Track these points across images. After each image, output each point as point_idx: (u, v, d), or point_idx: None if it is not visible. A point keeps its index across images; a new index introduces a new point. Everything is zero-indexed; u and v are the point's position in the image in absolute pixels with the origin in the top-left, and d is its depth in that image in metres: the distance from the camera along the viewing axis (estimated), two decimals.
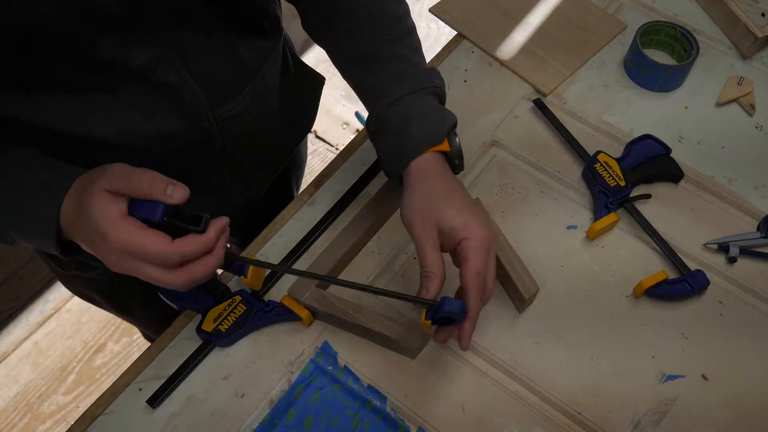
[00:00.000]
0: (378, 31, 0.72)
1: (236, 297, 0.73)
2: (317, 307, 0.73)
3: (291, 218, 0.83)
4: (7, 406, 1.64)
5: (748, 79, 0.93)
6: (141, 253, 0.54)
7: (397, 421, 0.70)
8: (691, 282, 0.76)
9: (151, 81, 0.64)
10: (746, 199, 0.84)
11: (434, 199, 0.64)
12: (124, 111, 0.65)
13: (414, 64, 0.72)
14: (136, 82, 0.63)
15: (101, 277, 0.88)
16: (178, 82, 0.66)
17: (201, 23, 0.66)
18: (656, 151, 0.85)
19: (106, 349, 1.71)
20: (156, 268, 0.55)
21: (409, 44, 0.73)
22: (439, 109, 0.70)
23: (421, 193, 0.65)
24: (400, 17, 0.74)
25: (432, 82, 0.71)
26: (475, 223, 0.63)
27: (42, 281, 1.76)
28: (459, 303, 0.62)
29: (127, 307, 0.98)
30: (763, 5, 1.00)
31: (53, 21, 0.55)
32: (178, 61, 0.65)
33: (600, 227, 0.80)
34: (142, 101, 0.65)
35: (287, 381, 0.72)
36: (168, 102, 0.67)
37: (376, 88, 0.71)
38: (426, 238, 0.63)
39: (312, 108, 0.95)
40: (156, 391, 0.71)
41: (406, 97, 0.69)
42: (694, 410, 0.71)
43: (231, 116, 0.73)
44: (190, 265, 0.56)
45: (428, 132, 0.68)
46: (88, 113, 0.63)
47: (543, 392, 0.72)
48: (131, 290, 0.90)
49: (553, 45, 0.97)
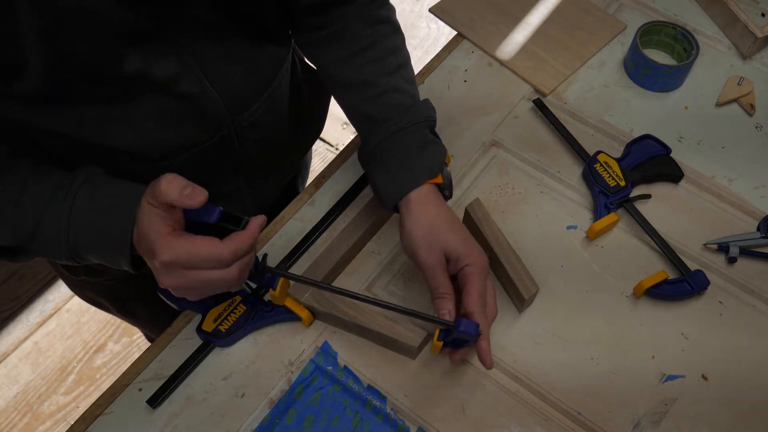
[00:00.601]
0: (379, 61, 0.74)
1: (236, 297, 0.73)
2: (317, 307, 0.73)
3: (291, 218, 0.83)
4: (7, 406, 1.64)
5: (748, 79, 0.93)
6: (195, 260, 0.56)
7: (397, 421, 0.70)
8: (691, 282, 0.76)
9: (173, 92, 0.65)
10: (746, 199, 0.84)
11: (438, 227, 0.69)
12: (145, 121, 0.66)
13: (411, 96, 0.75)
14: (157, 93, 0.64)
15: (109, 282, 0.88)
16: (199, 92, 0.66)
17: (220, 32, 0.66)
18: (656, 151, 0.85)
19: (106, 349, 1.71)
20: (213, 270, 0.57)
21: (406, 76, 0.76)
22: (435, 143, 0.74)
23: (426, 222, 0.69)
24: (398, 48, 0.77)
25: (428, 116, 0.74)
26: (476, 251, 0.68)
27: (42, 281, 1.75)
28: (474, 324, 0.65)
29: (132, 311, 0.99)
30: (763, 5, 1.00)
31: (81, 40, 0.55)
32: (200, 72, 0.66)
33: (600, 227, 0.80)
34: (164, 111, 0.66)
35: (287, 381, 0.72)
36: (189, 112, 0.67)
37: (373, 117, 0.74)
38: (436, 263, 0.68)
39: (321, 112, 0.96)
40: (156, 391, 0.71)
41: (406, 129, 0.72)
42: (694, 410, 0.71)
43: (249, 124, 0.74)
44: (241, 259, 0.58)
45: (428, 165, 0.72)
46: (108, 123, 0.64)
47: (543, 392, 0.72)
48: (138, 295, 0.91)
49: (553, 45, 0.97)
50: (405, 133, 0.72)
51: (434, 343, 0.68)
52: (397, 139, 0.72)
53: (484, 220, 0.77)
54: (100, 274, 0.86)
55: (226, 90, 0.69)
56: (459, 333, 0.64)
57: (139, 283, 0.80)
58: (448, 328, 0.66)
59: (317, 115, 0.95)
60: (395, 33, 0.77)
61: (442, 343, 0.68)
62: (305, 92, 0.88)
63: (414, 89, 0.76)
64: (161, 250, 0.55)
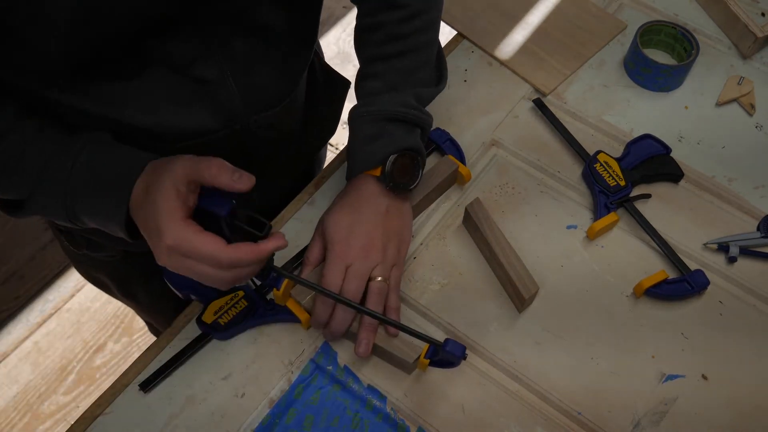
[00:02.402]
0: (415, 56, 0.77)
1: (239, 292, 0.73)
2: None
3: (291, 218, 0.83)
4: (7, 406, 1.64)
5: (748, 79, 0.93)
6: (194, 253, 0.57)
7: (397, 421, 0.70)
8: (691, 282, 0.76)
9: (190, 74, 0.65)
10: (746, 199, 0.84)
11: (355, 220, 0.73)
12: (159, 101, 0.66)
13: (389, 86, 0.77)
14: (176, 75, 0.65)
15: (110, 259, 0.89)
16: (215, 79, 0.67)
17: (257, 32, 0.67)
18: (656, 150, 0.85)
19: (106, 349, 1.71)
20: (208, 267, 0.58)
21: (401, 68, 0.77)
22: (389, 135, 0.75)
23: (347, 209, 0.75)
24: (432, 42, 0.79)
25: (396, 111, 0.75)
26: (343, 245, 0.72)
27: (42, 281, 1.76)
28: (461, 346, 0.67)
29: (133, 293, 0.99)
30: (763, 5, 1.00)
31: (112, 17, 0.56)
32: (222, 61, 0.66)
33: (600, 227, 0.80)
34: (176, 92, 0.66)
35: (287, 381, 0.72)
36: (202, 97, 0.68)
37: (356, 94, 0.78)
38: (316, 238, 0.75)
39: (335, 113, 0.96)
40: (150, 377, 0.71)
41: (363, 117, 0.75)
42: (694, 410, 0.71)
43: (266, 125, 0.75)
44: (240, 268, 0.59)
45: (367, 159, 0.75)
46: (126, 100, 0.65)
47: (543, 392, 0.72)
48: (138, 275, 0.92)
49: (553, 45, 0.97)
50: (362, 122, 0.76)
51: (421, 361, 0.70)
52: (356, 124, 0.76)
53: (484, 220, 0.77)
54: (99, 248, 0.86)
55: (248, 86, 0.70)
56: (444, 353, 0.67)
57: (138, 262, 0.81)
58: (435, 345, 0.68)
59: (332, 114, 0.95)
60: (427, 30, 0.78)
61: (429, 361, 0.70)
62: (323, 92, 0.89)
63: (403, 81, 0.77)
64: (168, 232, 0.56)
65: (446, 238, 0.81)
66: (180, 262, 0.58)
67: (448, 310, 0.76)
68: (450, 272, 0.79)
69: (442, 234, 0.82)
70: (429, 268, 0.79)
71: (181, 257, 0.57)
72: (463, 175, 0.83)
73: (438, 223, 0.82)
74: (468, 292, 0.78)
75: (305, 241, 0.80)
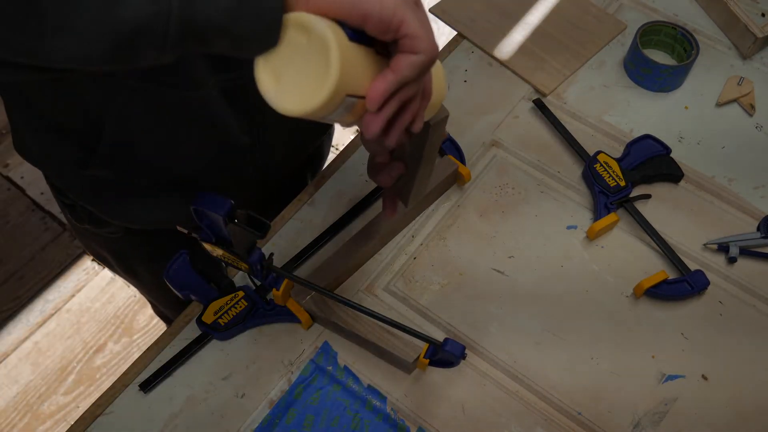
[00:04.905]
0: None
1: (239, 292, 0.73)
2: (317, 312, 0.73)
3: (291, 218, 0.83)
4: (7, 406, 1.64)
5: (748, 79, 0.93)
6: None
7: (397, 421, 0.70)
8: (691, 282, 0.76)
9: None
10: (746, 199, 0.84)
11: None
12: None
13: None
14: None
15: (113, 235, 0.89)
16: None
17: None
18: (656, 151, 0.85)
19: (106, 349, 1.71)
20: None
21: None
22: None
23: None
24: None
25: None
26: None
27: (42, 281, 1.76)
28: (460, 346, 0.66)
29: (135, 271, 0.99)
30: (763, 5, 1.00)
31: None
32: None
33: (600, 227, 0.80)
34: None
35: (287, 381, 0.72)
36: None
37: None
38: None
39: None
40: (149, 377, 0.71)
41: None
42: (694, 410, 0.71)
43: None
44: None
45: None
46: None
47: (543, 392, 0.72)
48: (140, 253, 0.92)
49: (553, 45, 0.97)
50: None
51: (421, 360, 0.69)
52: None
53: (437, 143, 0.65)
54: (102, 224, 0.86)
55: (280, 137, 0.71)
56: (444, 352, 0.67)
57: (139, 240, 0.80)
58: (434, 345, 0.67)
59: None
60: None
61: (428, 360, 0.70)
62: None
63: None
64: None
65: (446, 238, 0.81)
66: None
67: (448, 310, 0.76)
68: (450, 272, 0.79)
69: (442, 234, 0.82)
70: (429, 268, 0.79)
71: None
72: (463, 175, 0.83)
73: (438, 223, 0.82)
74: (468, 292, 0.78)
75: (305, 241, 0.80)
